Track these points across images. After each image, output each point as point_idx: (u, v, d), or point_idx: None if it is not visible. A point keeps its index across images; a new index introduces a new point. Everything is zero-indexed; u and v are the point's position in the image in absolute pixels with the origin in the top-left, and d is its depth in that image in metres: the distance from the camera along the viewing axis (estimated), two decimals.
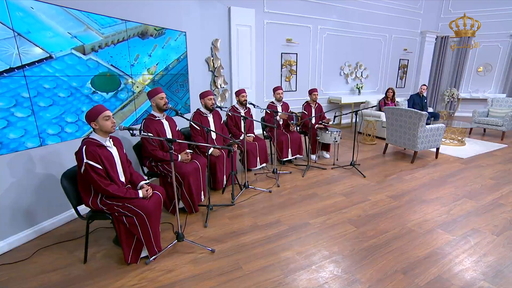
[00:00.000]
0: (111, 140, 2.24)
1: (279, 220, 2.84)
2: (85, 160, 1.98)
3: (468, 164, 4.50)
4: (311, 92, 4.62)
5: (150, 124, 2.84)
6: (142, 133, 2.79)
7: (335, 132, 4.26)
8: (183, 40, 4.19)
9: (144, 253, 2.26)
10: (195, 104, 4.43)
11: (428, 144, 4.56)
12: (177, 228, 2.42)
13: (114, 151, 2.22)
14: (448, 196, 3.36)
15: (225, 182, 3.56)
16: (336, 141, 4.30)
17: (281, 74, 6.64)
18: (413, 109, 4.37)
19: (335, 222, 2.79)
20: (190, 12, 4.40)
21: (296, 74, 6.84)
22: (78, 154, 2.02)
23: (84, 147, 2.02)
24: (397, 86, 8.88)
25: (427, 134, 4.48)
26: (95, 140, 2.09)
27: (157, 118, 2.91)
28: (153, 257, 2.25)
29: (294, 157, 4.48)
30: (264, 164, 4.24)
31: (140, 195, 2.21)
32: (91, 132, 2.16)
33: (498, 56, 8.60)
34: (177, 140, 2.22)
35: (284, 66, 6.62)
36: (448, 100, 9.05)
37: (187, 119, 2.87)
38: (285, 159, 4.40)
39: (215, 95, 5.41)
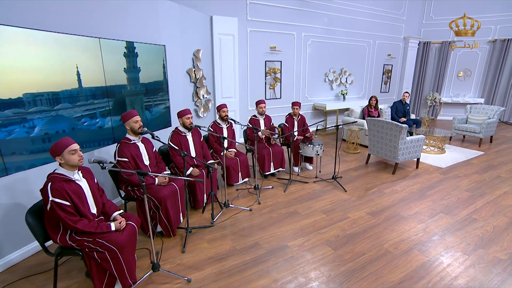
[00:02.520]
0: (80, 172, 2.16)
1: (257, 243, 2.83)
2: (50, 198, 1.91)
3: (447, 175, 4.61)
4: (292, 105, 4.62)
5: (125, 148, 2.77)
6: (116, 157, 2.77)
7: (317, 145, 4.27)
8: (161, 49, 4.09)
9: (118, 286, 2.21)
10: (176, 119, 4.36)
11: (409, 155, 4.64)
12: (153, 257, 2.38)
13: (83, 183, 2.14)
14: (426, 211, 3.43)
15: (205, 200, 3.52)
16: (318, 154, 4.32)
17: (265, 82, 6.62)
18: (393, 122, 4.43)
19: (313, 244, 2.80)
20: (170, 24, 4.31)
21: (280, 82, 6.83)
22: (43, 192, 1.94)
23: (49, 184, 1.94)
24: (382, 91, 9.01)
25: (408, 146, 4.55)
26: (61, 175, 2.01)
27: (132, 142, 2.84)
28: None
29: (276, 170, 4.48)
30: (246, 179, 4.23)
31: (113, 228, 2.15)
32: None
33: (477, 62, 8.83)
34: (149, 173, 2.16)
35: (268, 74, 6.59)
36: (431, 104, 9.25)
37: (163, 143, 2.82)
38: (267, 173, 4.39)
39: (198, 106, 5.34)
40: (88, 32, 3.01)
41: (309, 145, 4.29)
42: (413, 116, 6.89)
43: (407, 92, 6.61)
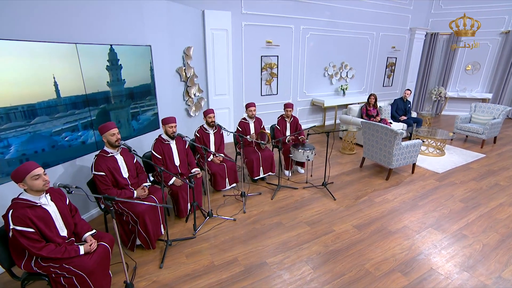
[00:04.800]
0: (48, 195, 2.10)
1: (236, 259, 2.78)
2: (11, 226, 1.86)
3: (442, 181, 4.46)
4: (284, 107, 4.47)
5: (102, 162, 2.71)
6: (93, 171, 2.71)
7: (308, 150, 4.15)
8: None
9: None
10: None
11: (404, 160, 4.49)
12: (129, 274, 2.36)
13: (51, 207, 2.09)
14: (415, 225, 3.32)
15: (189, 209, 3.48)
16: (309, 159, 4.20)
17: (261, 78, 6.42)
18: (388, 127, 4.26)
19: (293, 262, 2.74)
20: (156, 22, 4.12)
21: (277, 77, 6.61)
22: (5, 219, 1.89)
23: (11, 211, 1.89)
24: (384, 85, 8.70)
25: (403, 151, 4.39)
26: (25, 200, 1.96)
27: (110, 155, 2.77)
28: None
29: (266, 174, 4.40)
30: (234, 184, 4.16)
31: (81, 251, 2.11)
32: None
33: (487, 54, 8.39)
34: (116, 198, 2.09)
35: (264, 70, 6.38)
36: (436, 99, 8.92)
37: (139, 157, 2.74)
38: (256, 177, 4.31)
39: (189, 105, 5.21)
40: (63, 38, 2.88)
41: (299, 150, 4.17)
42: (414, 115, 6.65)
43: (408, 90, 6.36)
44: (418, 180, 4.51)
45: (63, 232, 2.17)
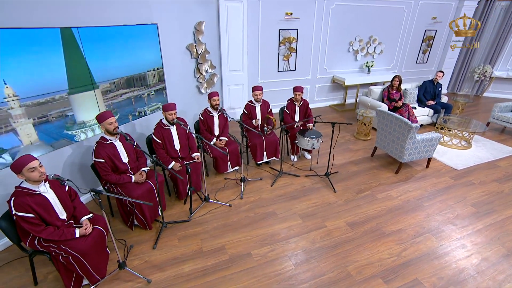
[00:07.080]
0: (46, 183, 2.30)
1: (223, 247, 2.93)
2: (13, 212, 2.10)
3: (458, 180, 4.15)
4: (294, 90, 4.26)
5: (101, 149, 2.86)
6: (93, 158, 2.88)
7: (314, 138, 4.02)
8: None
9: (87, 280, 2.51)
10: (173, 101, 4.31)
11: (418, 155, 4.20)
12: (123, 254, 2.61)
13: (50, 194, 2.29)
14: (412, 229, 3.21)
15: (188, 188, 3.62)
16: (314, 148, 4.08)
17: (279, 53, 6.09)
18: (403, 119, 3.94)
19: (276, 256, 2.83)
20: None
21: (295, 52, 6.23)
22: (9, 205, 2.13)
23: (13, 199, 2.11)
24: (418, 62, 7.85)
25: (417, 145, 4.09)
26: (25, 189, 2.17)
27: (109, 142, 2.91)
28: (95, 285, 2.49)
29: (270, 159, 4.38)
30: (236, 167, 4.22)
31: (77, 235, 2.34)
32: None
33: None
34: (103, 193, 2.23)
35: (282, 44, 6.02)
36: (478, 78, 7.95)
37: (139, 147, 2.85)
38: (260, 162, 4.32)
39: (200, 82, 5.16)
40: (63, 22, 2.90)
41: (305, 137, 4.05)
42: (445, 99, 6.04)
43: (441, 71, 5.71)
44: (431, 176, 4.24)
45: (63, 215, 2.40)
